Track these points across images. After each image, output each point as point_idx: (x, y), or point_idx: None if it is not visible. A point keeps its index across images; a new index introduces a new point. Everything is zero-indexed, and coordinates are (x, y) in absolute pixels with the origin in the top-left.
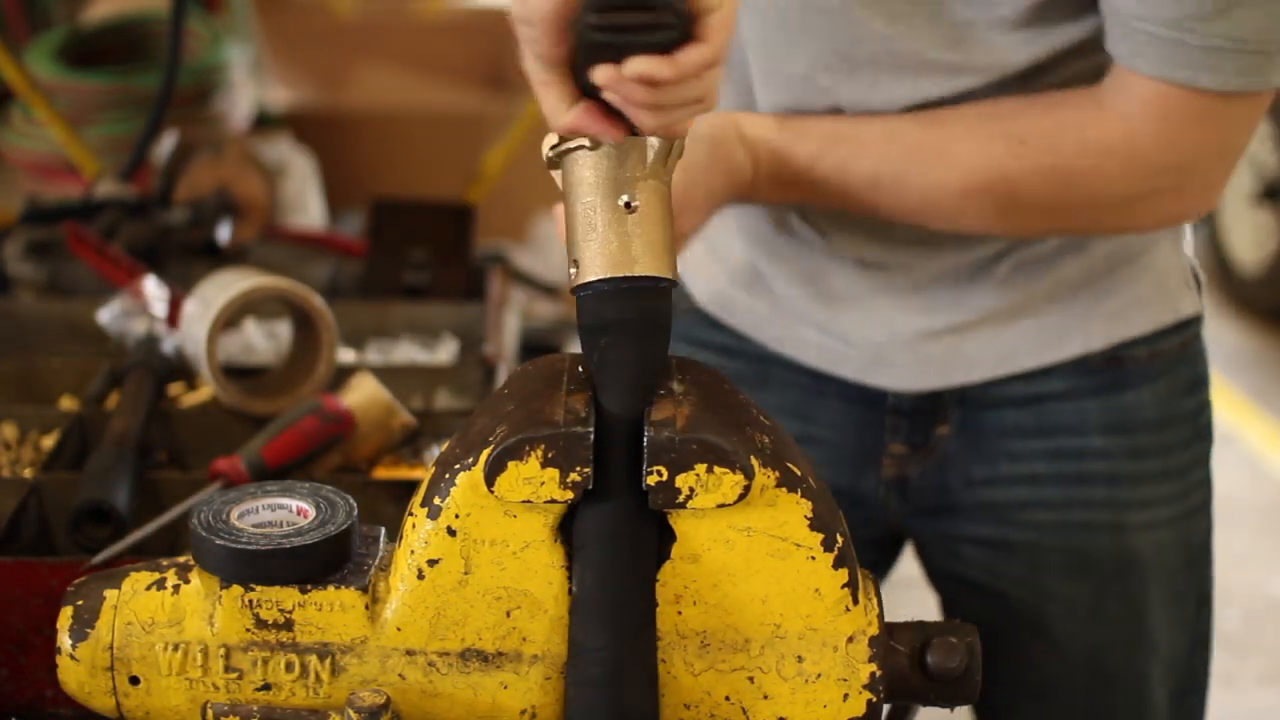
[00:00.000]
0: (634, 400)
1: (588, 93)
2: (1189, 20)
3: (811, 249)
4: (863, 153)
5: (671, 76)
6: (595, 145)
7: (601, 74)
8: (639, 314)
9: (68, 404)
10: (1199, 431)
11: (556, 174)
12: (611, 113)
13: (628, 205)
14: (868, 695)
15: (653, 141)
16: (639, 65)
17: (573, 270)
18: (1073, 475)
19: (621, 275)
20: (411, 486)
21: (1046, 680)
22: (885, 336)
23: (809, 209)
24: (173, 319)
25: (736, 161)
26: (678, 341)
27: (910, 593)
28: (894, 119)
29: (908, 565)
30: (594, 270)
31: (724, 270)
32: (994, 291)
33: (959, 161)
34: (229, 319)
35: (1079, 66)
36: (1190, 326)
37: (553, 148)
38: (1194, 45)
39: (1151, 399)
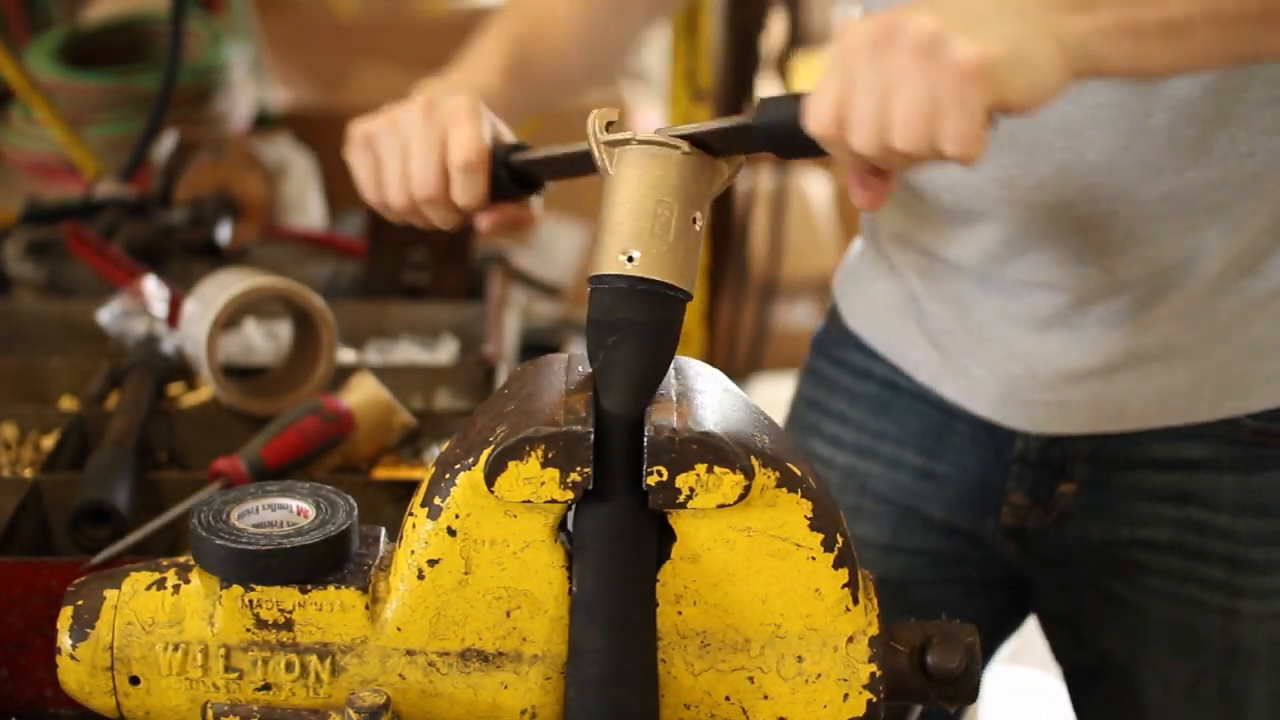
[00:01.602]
0: (635, 401)
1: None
2: None
3: (963, 272)
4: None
5: None
6: (690, 152)
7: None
8: (653, 318)
9: (68, 404)
10: None
11: (612, 151)
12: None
13: (695, 221)
14: (868, 695)
15: (722, 169)
16: None
17: (626, 258)
18: (1193, 549)
19: (650, 276)
20: (411, 486)
21: None
22: (1023, 371)
23: (961, 234)
24: (173, 319)
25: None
26: (819, 356)
27: None
28: None
29: None
30: (658, 270)
31: (878, 292)
32: (1142, 327)
33: None
34: (229, 319)
35: None
36: None
37: (635, 136)
38: None
39: None
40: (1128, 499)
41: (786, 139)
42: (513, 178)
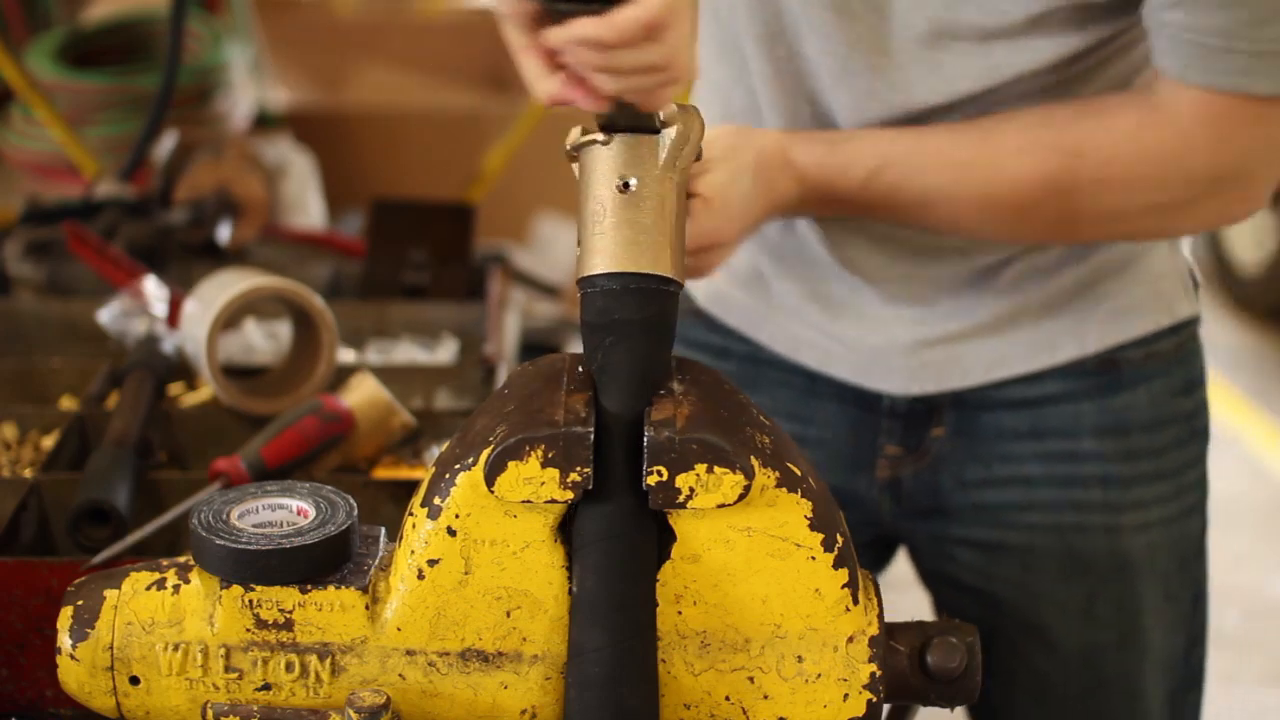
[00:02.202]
0: (634, 400)
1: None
2: (1241, 28)
3: (814, 253)
4: (915, 174)
5: (611, 38)
6: (608, 140)
7: (552, 38)
8: (645, 315)
9: (68, 404)
10: (1195, 432)
11: (576, 167)
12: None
13: (625, 185)
14: (868, 695)
15: (664, 139)
16: (577, 28)
17: (579, 260)
18: (1066, 478)
19: (625, 271)
20: (411, 486)
21: (1041, 681)
22: (882, 341)
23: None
24: (173, 319)
25: (780, 188)
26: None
27: (909, 593)
28: (947, 134)
29: (906, 566)
30: (599, 263)
31: (725, 269)
32: (993, 300)
33: (1014, 176)
34: (229, 319)
35: (1112, 65)
36: (1187, 328)
37: (572, 142)
38: (1245, 52)
39: (1146, 400)
40: (993, 439)
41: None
42: None
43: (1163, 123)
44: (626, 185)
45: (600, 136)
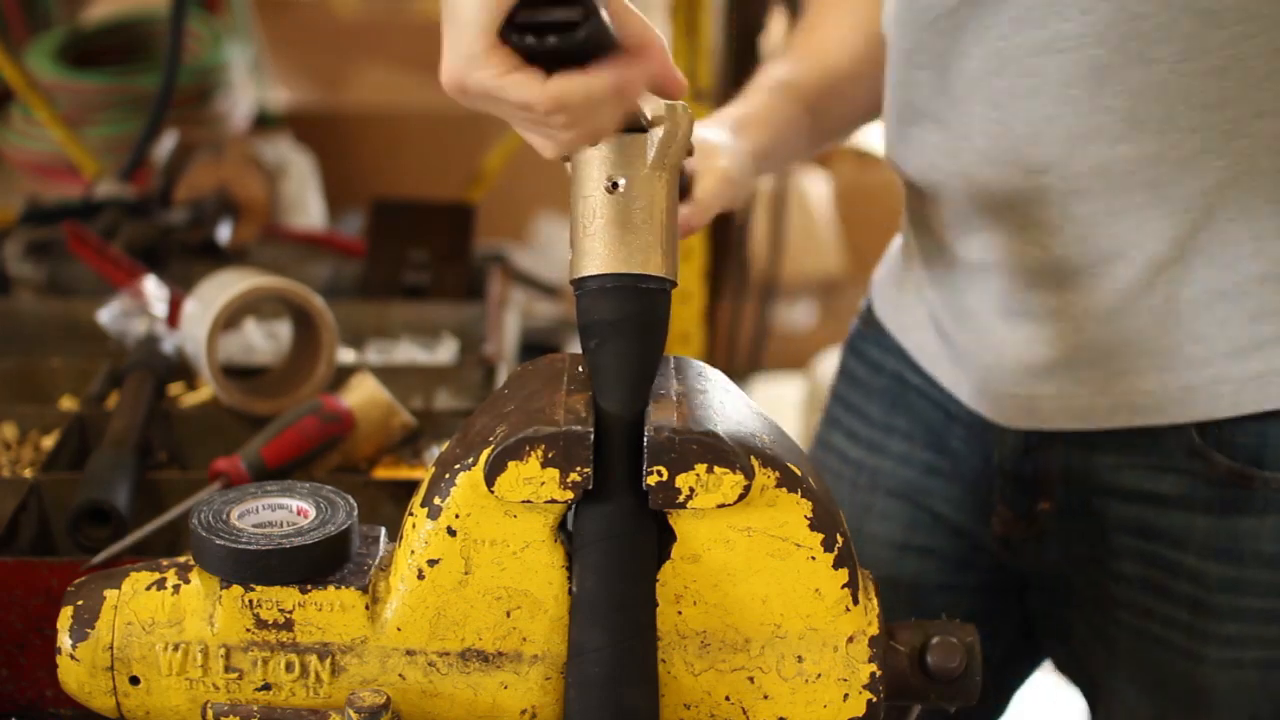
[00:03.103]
0: (630, 400)
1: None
2: None
3: (945, 255)
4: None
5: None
6: (595, 141)
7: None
8: (629, 315)
9: (68, 404)
10: None
11: (568, 167)
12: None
13: (614, 185)
14: (868, 695)
15: (652, 137)
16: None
17: (571, 262)
18: (1159, 587)
19: (615, 272)
20: (411, 486)
21: None
22: (993, 361)
23: (932, 214)
24: (173, 319)
25: (730, 173)
26: (848, 352)
27: None
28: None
29: None
30: (590, 264)
31: (898, 271)
32: (1113, 328)
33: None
34: (229, 319)
35: None
36: None
37: None
38: None
39: (1273, 531)
40: (1100, 526)
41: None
42: None
43: None
44: (615, 185)
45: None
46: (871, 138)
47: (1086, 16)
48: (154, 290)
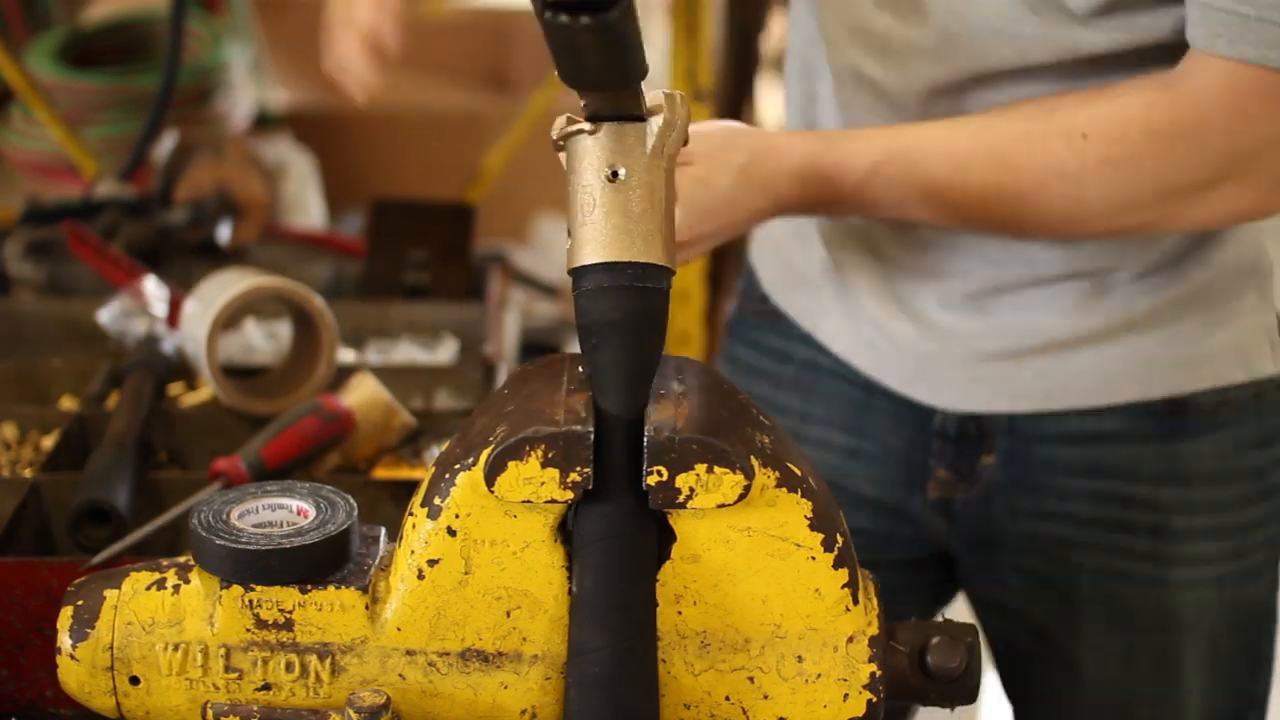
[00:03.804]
0: (630, 400)
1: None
2: None
3: (881, 242)
4: (914, 166)
5: None
6: (595, 129)
7: None
8: (628, 315)
9: (68, 404)
10: (1267, 490)
11: (563, 157)
12: None
13: (614, 175)
14: (868, 695)
15: (651, 126)
16: None
17: (570, 252)
18: (1116, 522)
19: (617, 260)
20: (411, 486)
21: (1073, 717)
22: (935, 349)
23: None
24: (173, 319)
25: (776, 189)
26: (736, 341)
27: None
28: (946, 127)
29: None
30: (590, 253)
31: (796, 257)
32: (1054, 318)
33: (1018, 163)
34: (229, 319)
35: (1156, 62)
36: (1267, 383)
37: (559, 131)
38: (1276, 23)
39: (1212, 450)
40: (1047, 472)
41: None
42: None
43: (1178, 100)
44: (615, 174)
45: (587, 125)
46: None
47: None
48: (154, 290)
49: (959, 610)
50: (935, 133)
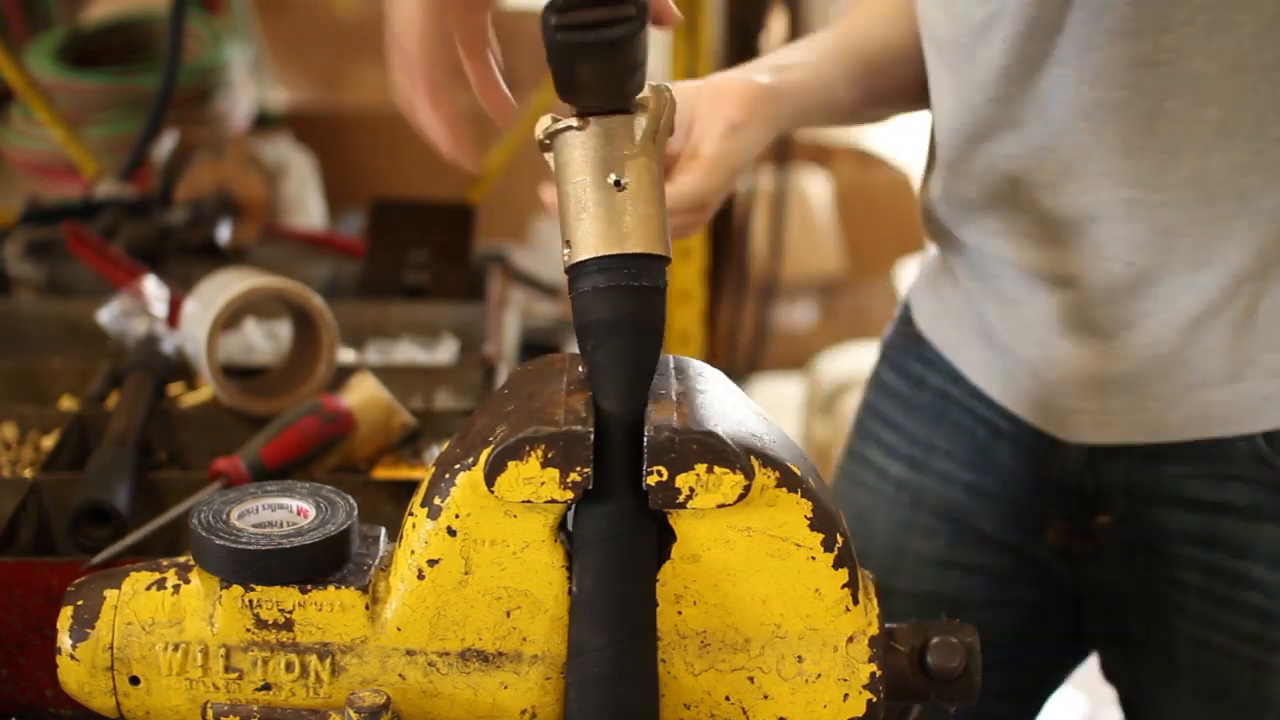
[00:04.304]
0: (629, 401)
1: (566, 95)
2: None
3: (1007, 268)
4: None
5: None
6: (584, 125)
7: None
8: (626, 315)
9: (68, 404)
10: None
11: (550, 157)
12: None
13: (617, 184)
14: (868, 695)
15: (640, 120)
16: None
17: (565, 251)
18: (1224, 598)
19: (615, 254)
20: (411, 486)
21: None
22: (1058, 376)
23: (1001, 227)
24: (173, 319)
25: (777, 119)
26: (884, 363)
27: None
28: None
29: None
30: (586, 249)
31: (944, 290)
32: (1177, 337)
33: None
34: (229, 319)
35: None
36: None
37: (545, 130)
38: None
39: None
40: (1162, 537)
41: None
42: None
43: None
44: (606, 169)
45: (575, 122)
46: (871, 138)
47: (1187, 27)
48: (154, 290)
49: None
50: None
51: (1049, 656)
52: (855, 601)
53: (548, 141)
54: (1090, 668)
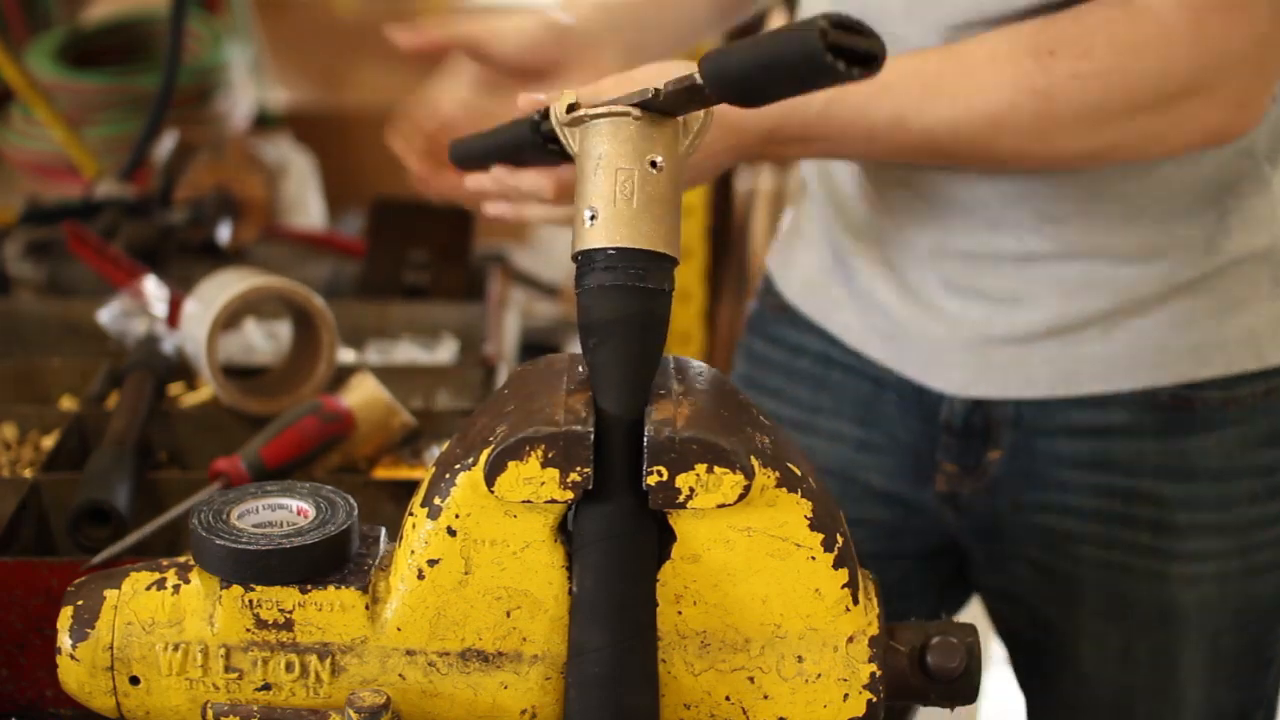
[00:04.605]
0: (630, 400)
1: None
2: None
3: (887, 228)
4: (880, 92)
5: None
6: (641, 116)
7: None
8: (629, 314)
9: (68, 404)
10: (1274, 489)
11: (573, 130)
12: None
13: (654, 164)
14: (868, 695)
15: (688, 125)
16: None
17: (589, 222)
18: (1118, 516)
19: (644, 249)
20: (411, 486)
21: (1073, 710)
22: (945, 333)
23: (882, 186)
24: (173, 319)
25: (742, 133)
26: (754, 335)
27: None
28: (910, 55)
29: None
30: (618, 237)
31: (809, 257)
32: (1061, 299)
33: (987, 82)
34: (229, 319)
35: None
36: (1277, 376)
37: (593, 108)
38: None
39: (1218, 447)
40: (1051, 466)
41: (735, 87)
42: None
43: (1139, 15)
44: (655, 164)
45: (634, 110)
46: None
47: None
48: (154, 290)
49: (973, 604)
50: (900, 60)
51: (933, 606)
52: (855, 601)
53: (582, 118)
54: None
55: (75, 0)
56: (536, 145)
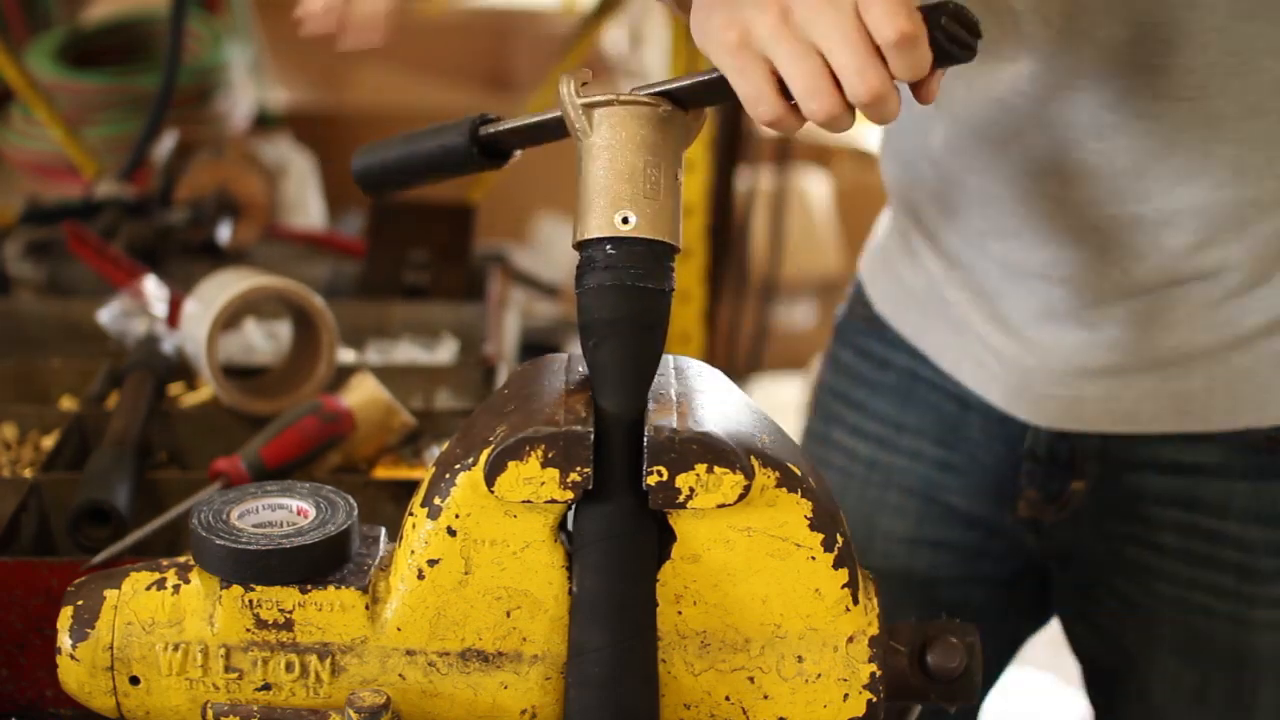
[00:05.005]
0: (629, 400)
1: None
2: None
3: (981, 258)
4: None
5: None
6: (670, 109)
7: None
8: (629, 314)
9: (68, 404)
10: None
11: (590, 113)
12: None
13: (678, 179)
14: (868, 695)
15: (689, 118)
16: None
17: (621, 219)
18: (1202, 557)
19: (667, 241)
20: (411, 486)
21: None
22: (1037, 364)
23: (986, 226)
24: (173, 319)
25: None
26: (841, 344)
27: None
28: None
29: None
30: (654, 229)
31: (905, 273)
32: (1160, 334)
33: None
34: (229, 319)
35: None
36: None
37: (629, 95)
38: None
39: None
40: (1136, 501)
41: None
42: (482, 150)
43: None
44: (677, 157)
45: (667, 104)
46: (871, 138)
47: (1212, 68)
48: (154, 290)
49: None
50: None
51: (1014, 629)
52: (855, 601)
53: (616, 101)
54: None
55: (75, 0)
56: (468, 156)
